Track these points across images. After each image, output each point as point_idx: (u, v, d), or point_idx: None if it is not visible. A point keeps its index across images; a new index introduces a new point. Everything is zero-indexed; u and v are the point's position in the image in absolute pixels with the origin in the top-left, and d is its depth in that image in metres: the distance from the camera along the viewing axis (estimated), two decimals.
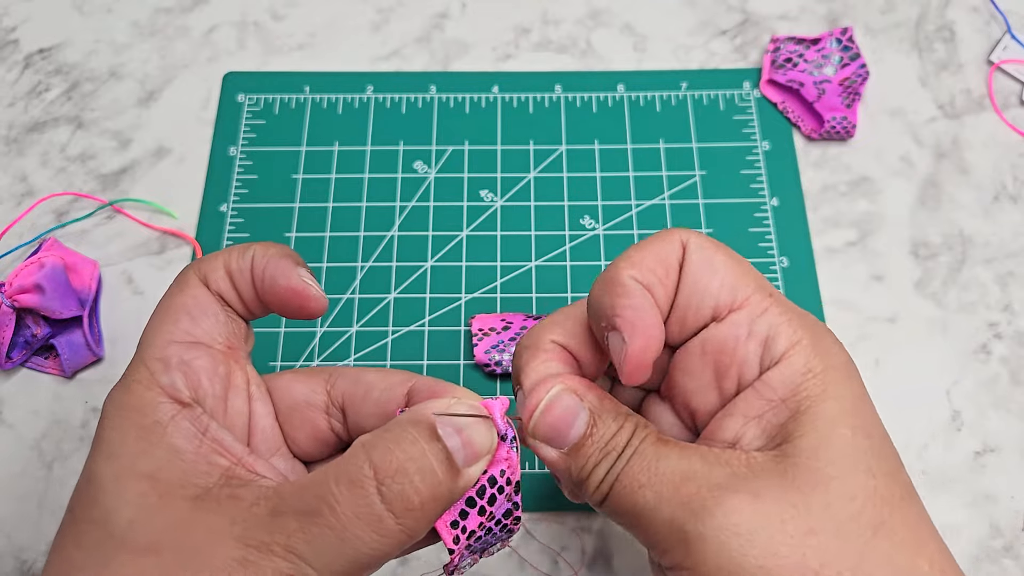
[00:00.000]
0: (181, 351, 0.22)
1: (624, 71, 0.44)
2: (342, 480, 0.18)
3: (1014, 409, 0.36)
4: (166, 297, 0.23)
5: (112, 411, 0.21)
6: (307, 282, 0.22)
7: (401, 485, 0.18)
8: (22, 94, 0.44)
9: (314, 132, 0.42)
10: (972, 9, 0.46)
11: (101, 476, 0.20)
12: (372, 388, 0.23)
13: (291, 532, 0.18)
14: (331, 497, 0.18)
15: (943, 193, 0.41)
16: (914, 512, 0.21)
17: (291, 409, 0.23)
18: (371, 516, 0.18)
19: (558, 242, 0.39)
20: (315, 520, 0.18)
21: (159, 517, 0.19)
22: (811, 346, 0.21)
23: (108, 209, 0.41)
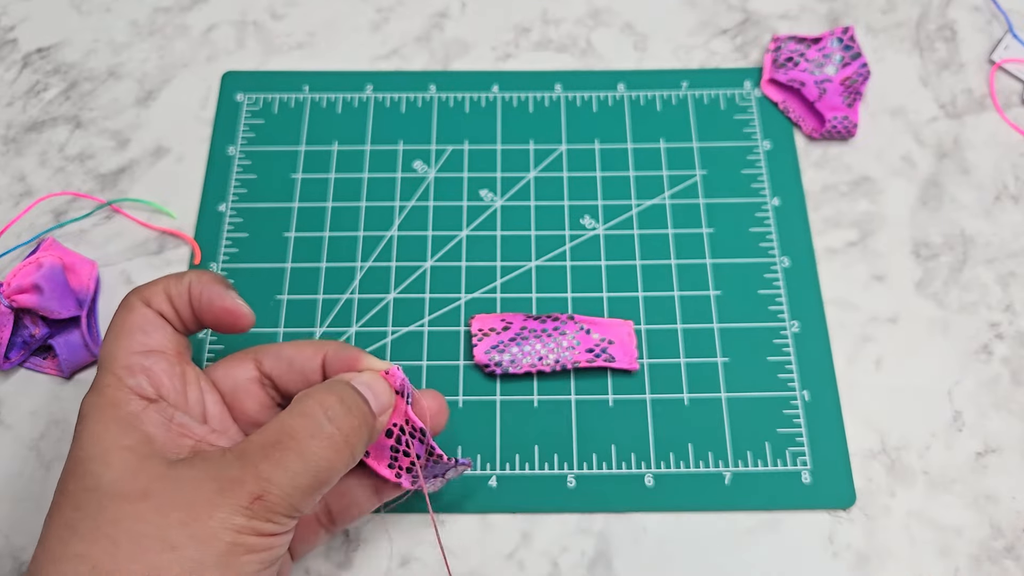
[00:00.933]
0: (141, 359, 0.26)
1: (624, 70, 0.44)
2: (295, 415, 0.24)
3: (1015, 410, 0.36)
4: (116, 320, 0.27)
5: (89, 411, 0.25)
6: (238, 302, 0.28)
7: (340, 410, 0.25)
8: (20, 93, 0.44)
9: (313, 131, 0.42)
10: (973, 8, 0.46)
11: (88, 454, 0.24)
12: (292, 360, 0.28)
13: (258, 462, 0.23)
14: (290, 427, 0.24)
15: (944, 193, 0.41)
16: None
17: (235, 389, 0.28)
18: (322, 434, 0.24)
19: (558, 242, 0.39)
20: (278, 446, 0.23)
21: (143, 473, 0.23)
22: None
23: (107, 209, 0.41)
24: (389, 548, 0.33)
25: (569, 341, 0.36)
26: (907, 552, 0.33)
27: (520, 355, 0.36)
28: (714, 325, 0.37)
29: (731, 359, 0.37)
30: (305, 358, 0.28)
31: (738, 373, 0.36)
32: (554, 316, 0.37)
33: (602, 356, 0.36)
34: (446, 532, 0.33)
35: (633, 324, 0.37)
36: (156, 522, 0.22)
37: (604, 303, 0.38)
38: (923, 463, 0.35)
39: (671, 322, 0.37)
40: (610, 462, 0.35)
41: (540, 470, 0.34)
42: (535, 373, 0.36)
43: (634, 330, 0.37)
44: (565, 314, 0.37)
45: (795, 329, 0.37)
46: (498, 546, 0.33)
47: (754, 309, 0.38)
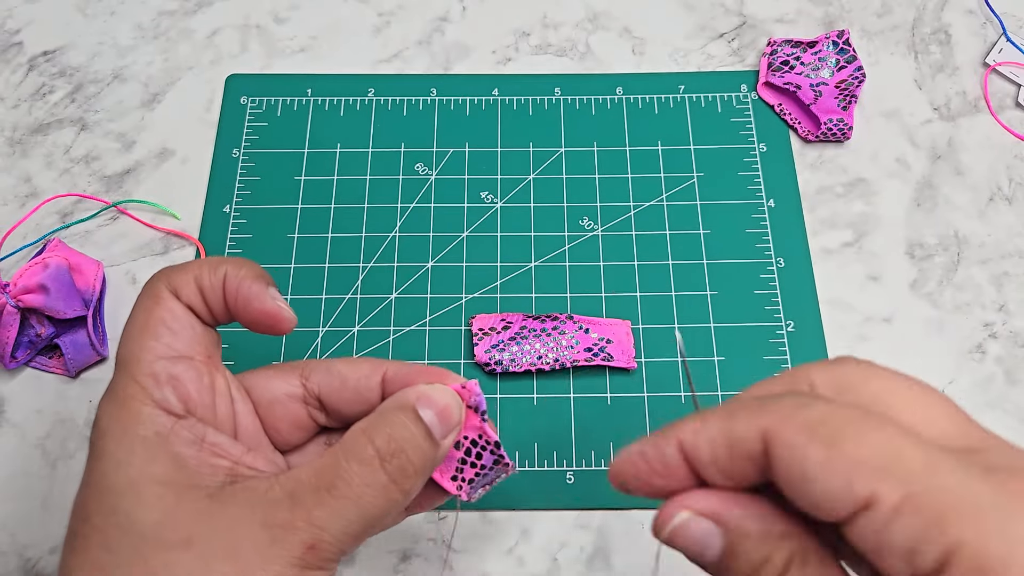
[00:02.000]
0: (168, 366, 0.23)
1: (623, 74, 0.45)
2: (352, 459, 0.22)
3: (1009, 409, 0.36)
4: (140, 310, 0.24)
5: (111, 424, 0.22)
6: (279, 305, 0.24)
7: (400, 460, 0.22)
8: (26, 96, 0.44)
9: (316, 134, 0.43)
10: (968, 12, 0.46)
11: (115, 484, 0.21)
12: (346, 378, 0.25)
13: (310, 507, 0.21)
14: (346, 474, 0.22)
15: (939, 194, 0.41)
16: None
17: (271, 403, 0.25)
18: (379, 485, 0.22)
19: (557, 243, 0.40)
20: (333, 493, 0.21)
21: (182, 514, 0.21)
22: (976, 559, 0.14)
23: (112, 210, 0.41)
24: (389, 544, 0.34)
25: (568, 340, 0.36)
26: None
27: (520, 354, 0.36)
28: (710, 325, 0.38)
29: (727, 358, 0.37)
30: (361, 376, 0.25)
31: (734, 372, 0.37)
32: (553, 316, 0.37)
33: (601, 355, 0.36)
34: (447, 528, 0.34)
35: (631, 324, 0.38)
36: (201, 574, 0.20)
37: (602, 303, 0.38)
38: None
39: (668, 322, 0.38)
40: (608, 459, 0.35)
41: (539, 467, 0.35)
42: (535, 372, 0.37)
43: (632, 329, 0.37)
44: (564, 314, 0.37)
45: (791, 329, 0.38)
46: (498, 542, 0.34)
47: (750, 309, 0.38)
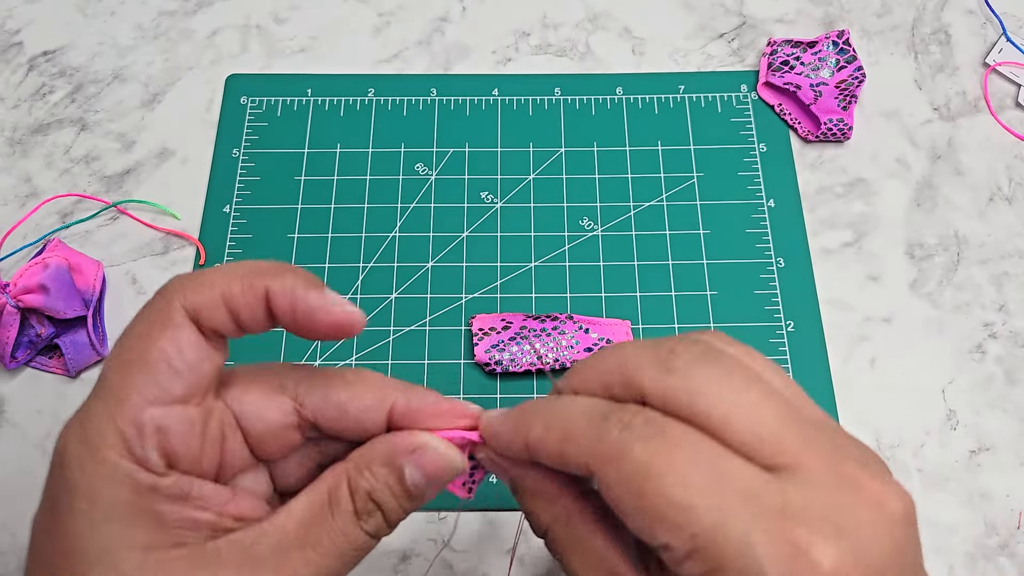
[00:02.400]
0: (157, 415, 0.19)
1: (622, 74, 0.45)
2: (337, 516, 0.21)
3: (1009, 408, 0.37)
4: (143, 330, 0.20)
5: (81, 478, 0.19)
6: (347, 309, 0.21)
7: (376, 520, 0.21)
8: (26, 96, 0.44)
9: (316, 134, 0.43)
10: (968, 12, 0.47)
11: (88, 549, 0.19)
12: (346, 410, 0.22)
13: (296, 565, 0.20)
14: (331, 531, 0.21)
15: (938, 194, 0.41)
16: None
17: (264, 433, 0.22)
18: (357, 540, 0.21)
19: (557, 243, 0.40)
20: (318, 551, 0.20)
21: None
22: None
23: (112, 210, 0.41)
24: (389, 544, 0.34)
25: (568, 340, 0.36)
26: None
27: (520, 354, 0.36)
28: (710, 325, 0.38)
29: None
30: (363, 408, 0.22)
31: None
32: (553, 316, 0.37)
33: None
34: (447, 529, 0.34)
35: (631, 324, 0.38)
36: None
37: (602, 303, 0.38)
38: (917, 461, 0.35)
39: (668, 322, 0.38)
40: None
41: None
42: (534, 372, 0.37)
43: (631, 329, 0.37)
44: (564, 314, 0.37)
45: (791, 329, 0.38)
46: (499, 542, 0.34)
47: (750, 309, 0.38)
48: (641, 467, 0.18)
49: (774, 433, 0.18)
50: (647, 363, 0.20)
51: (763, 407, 0.19)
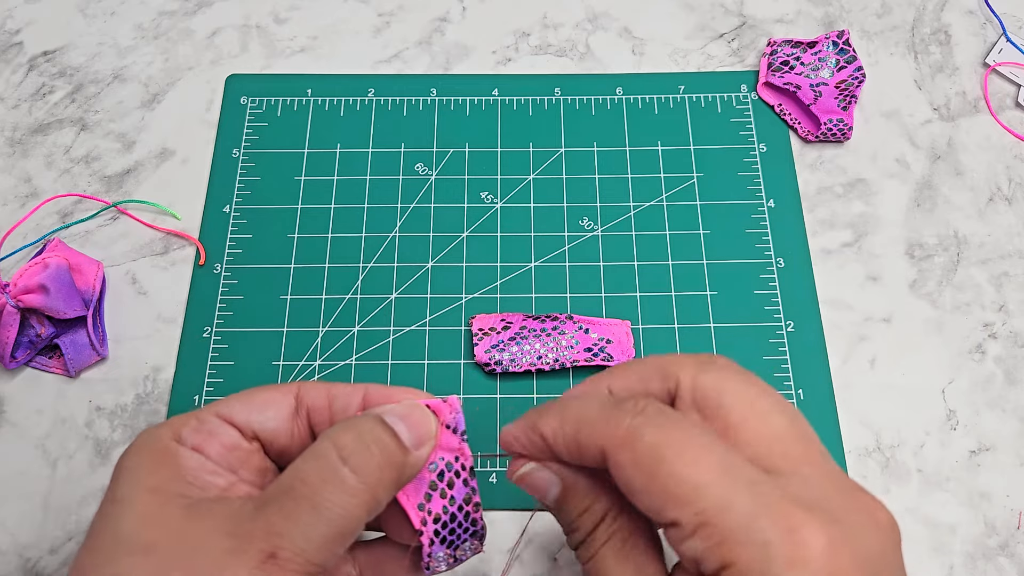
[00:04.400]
0: (215, 427, 0.23)
1: (622, 74, 0.45)
2: (308, 458, 0.21)
3: (1009, 408, 0.37)
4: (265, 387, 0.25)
5: (137, 442, 0.23)
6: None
7: (359, 451, 0.21)
8: (26, 96, 0.44)
9: (316, 134, 0.43)
10: (968, 12, 0.47)
11: (118, 496, 0.22)
12: (329, 392, 0.25)
13: (270, 515, 0.20)
14: (301, 472, 0.21)
15: (938, 195, 0.41)
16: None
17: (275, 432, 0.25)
18: (336, 478, 0.21)
19: (557, 243, 0.40)
20: (290, 495, 0.21)
21: (157, 522, 0.21)
22: (741, 573, 0.18)
23: (112, 210, 0.41)
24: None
25: (568, 340, 0.36)
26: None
27: (520, 354, 0.36)
28: (710, 325, 0.38)
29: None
30: (344, 391, 0.25)
31: None
32: (553, 316, 0.37)
33: (600, 355, 0.36)
34: None
35: (631, 324, 0.38)
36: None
37: (602, 303, 0.38)
38: (917, 461, 0.35)
39: (668, 322, 0.38)
40: None
41: None
42: (534, 372, 0.37)
43: (631, 329, 0.37)
44: (564, 314, 0.37)
45: (790, 329, 0.38)
46: (498, 542, 0.34)
47: (750, 309, 0.38)
48: (653, 449, 0.19)
49: (782, 441, 0.20)
50: (688, 361, 0.22)
51: (776, 418, 0.20)
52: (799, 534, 0.18)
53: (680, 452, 0.19)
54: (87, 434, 0.36)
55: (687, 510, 0.19)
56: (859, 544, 0.18)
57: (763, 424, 0.20)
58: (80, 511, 0.34)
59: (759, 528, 0.18)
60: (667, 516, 0.19)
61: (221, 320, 0.38)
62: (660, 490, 0.19)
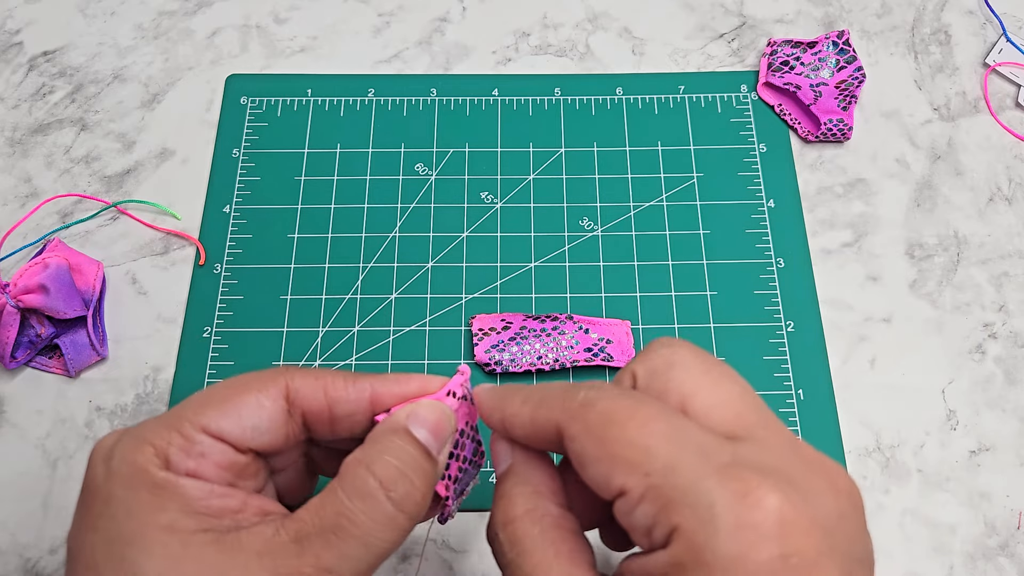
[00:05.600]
0: (203, 443, 0.22)
1: (622, 74, 0.45)
2: (355, 496, 0.21)
3: (1009, 409, 0.37)
4: (237, 384, 0.23)
5: (121, 466, 0.21)
6: None
7: (404, 488, 0.21)
8: (26, 96, 0.44)
9: (316, 134, 0.43)
10: (968, 12, 0.47)
11: (124, 533, 0.20)
12: (335, 404, 0.23)
13: (319, 551, 0.20)
14: (350, 512, 0.20)
15: (938, 195, 0.41)
16: None
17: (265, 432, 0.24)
18: (386, 518, 0.21)
19: (557, 243, 0.40)
20: (340, 534, 0.20)
21: (189, 564, 0.20)
22: (688, 536, 0.18)
23: (112, 210, 0.41)
24: None
25: (568, 340, 0.36)
26: (901, 550, 0.34)
27: (520, 354, 0.36)
28: (710, 325, 0.38)
29: (727, 358, 0.37)
30: (343, 394, 0.23)
31: None
32: (553, 316, 0.37)
33: (600, 355, 0.36)
34: (448, 528, 0.34)
35: (631, 324, 0.38)
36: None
37: (602, 303, 0.38)
38: (917, 461, 0.35)
39: (668, 322, 0.38)
40: None
41: None
42: (534, 372, 0.37)
43: (631, 330, 0.37)
44: (564, 314, 0.37)
45: (790, 329, 0.38)
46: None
47: (750, 309, 0.38)
48: (604, 415, 0.19)
49: (734, 411, 0.20)
50: (640, 354, 0.22)
51: (728, 386, 0.20)
52: (751, 496, 0.17)
53: (630, 416, 0.19)
54: (87, 434, 0.36)
55: (635, 473, 0.18)
56: (816, 507, 0.18)
57: (715, 392, 0.20)
58: None
59: (705, 490, 0.18)
60: (616, 483, 0.19)
61: (221, 320, 0.38)
62: (609, 456, 0.19)
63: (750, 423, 0.20)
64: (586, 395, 0.20)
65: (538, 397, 0.22)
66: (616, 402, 0.20)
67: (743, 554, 0.17)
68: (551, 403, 0.21)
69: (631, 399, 0.20)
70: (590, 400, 0.20)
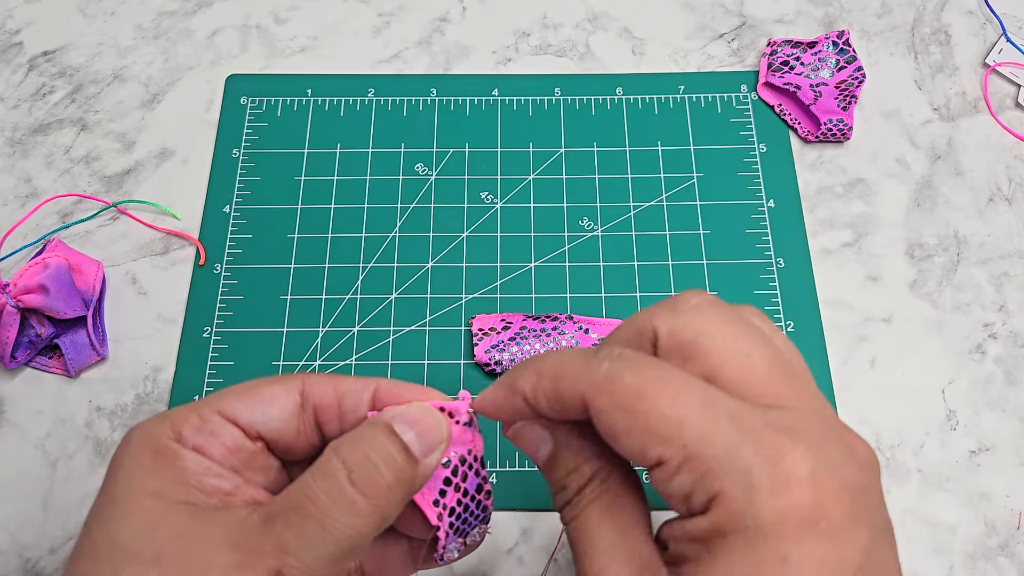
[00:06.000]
0: (217, 426, 0.23)
1: (622, 74, 0.45)
2: (317, 475, 0.21)
3: (1009, 409, 0.37)
4: (261, 381, 0.24)
5: (135, 438, 0.22)
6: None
7: (367, 471, 0.21)
8: (26, 96, 0.44)
9: (316, 134, 0.43)
10: (967, 12, 0.47)
11: (116, 495, 0.21)
12: (343, 397, 0.24)
13: (280, 531, 0.20)
14: (309, 490, 0.20)
15: (938, 195, 0.41)
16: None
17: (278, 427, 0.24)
18: (345, 500, 0.20)
19: (557, 243, 0.40)
20: (299, 513, 0.20)
21: (161, 530, 0.20)
22: (727, 502, 0.18)
23: (112, 210, 0.41)
24: None
25: (568, 341, 0.36)
26: (902, 550, 0.34)
27: (520, 354, 0.36)
28: None
29: None
30: (352, 388, 0.24)
31: None
32: (553, 316, 0.37)
33: None
34: None
35: None
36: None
37: (602, 303, 0.38)
38: (917, 461, 0.35)
39: None
40: None
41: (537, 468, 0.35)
42: None
43: None
44: (564, 314, 0.37)
45: (791, 329, 0.38)
46: (498, 542, 0.34)
47: None
48: (633, 389, 0.19)
49: (763, 379, 0.20)
50: (662, 309, 0.21)
51: (758, 357, 0.20)
52: (784, 461, 0.18)
53: (660, 389, 0.19)
54: (87, 434, 0.36)
55: (671, 445, 0.19)
56: (843, 474, 0.18)
57: (745, 363, 0.20)
58: (80, 511, 0.34)
59: (741, 456, 0.18)
60: (652, 455, 0.19)
61: (221, 320, 0.38)
62: (642, 428, 0.19)
63: (779, 392, 0.20)
64: (610, 367, 0.20)
65: (554, 370, 0.21)
66: (643, 374, 0.19)
67: (780, 518, 0.17)
68: (573, 376, 0.20)
69: (658, 369, 0.19)
70: (616, 373, 0.20)
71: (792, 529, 0.17)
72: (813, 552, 0.17)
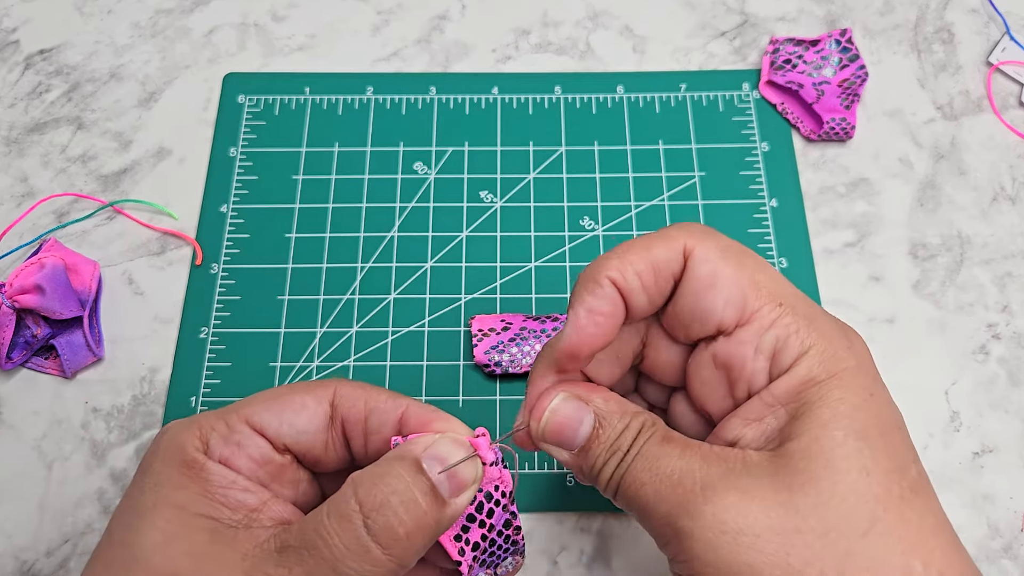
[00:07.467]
0: (244, 436, 0.22)
1: (623, 72, 0.44)
2: (333, 514, 0.20)
3: (1012, 410, 0.36)
4: (297, 387, 0.23)
5: (164, 445, 0.22)
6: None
7: (386, 517, 0.19)
8: (23, 95, 0.44)
9: (314, 133, 0.43)
10: (971, 11, 0.46)
11: (142, 504, 0.21)
12: (372, 413, 0.23)
13: (292, 565, 0.19)
14: (324, 530, 0.19)
15: (941, 194, 0.41)
16: (917, 509, 0.21)
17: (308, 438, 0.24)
18: (359, 547, 0.19)
19: (557, 243, 0.40)
20: (312, 553, 0.19)
21: (179, 545, 0.20)
22: (819, 354, 0.22)
23: (109, 210, 0.41)
24: None
25: None
26: None
27: (519, 355, 0.36)
28: None
29: None
30: (381, 402, 0.23)
31: None
32: (553, 316, 0.37)
33: None
34: None
35: None
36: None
37: None
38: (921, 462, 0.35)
39: None
40: None
41: (540, 469, 0.35)
42: None
43: None
44: (564, 315, 0.37)
45: None
46: None
47: None
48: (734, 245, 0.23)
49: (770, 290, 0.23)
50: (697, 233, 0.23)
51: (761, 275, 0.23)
52: (851, 331, 0.23)
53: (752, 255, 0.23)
54: (83, 435, 0.36)
55: (771, 301, 0.22)
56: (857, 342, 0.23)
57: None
58: (76, 513, 0.34)
59: (823, 319, 0.22)
60: (751, 307, 0.22)
61: (218, 321, 0.38)
62: (747, 281, 0.22)
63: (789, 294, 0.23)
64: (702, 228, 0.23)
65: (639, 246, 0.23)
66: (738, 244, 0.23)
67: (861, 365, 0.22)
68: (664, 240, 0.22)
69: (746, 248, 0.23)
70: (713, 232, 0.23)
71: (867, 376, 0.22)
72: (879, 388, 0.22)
